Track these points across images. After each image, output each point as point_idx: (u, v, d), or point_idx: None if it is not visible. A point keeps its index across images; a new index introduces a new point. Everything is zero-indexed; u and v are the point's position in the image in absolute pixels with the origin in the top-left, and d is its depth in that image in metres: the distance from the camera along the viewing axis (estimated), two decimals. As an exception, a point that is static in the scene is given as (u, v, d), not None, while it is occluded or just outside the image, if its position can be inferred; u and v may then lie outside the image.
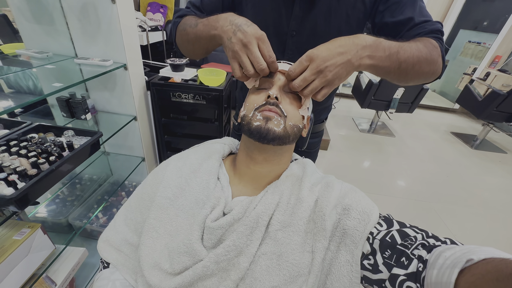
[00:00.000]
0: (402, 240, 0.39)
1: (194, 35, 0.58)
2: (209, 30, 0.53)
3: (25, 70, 0.95)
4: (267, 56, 0.46)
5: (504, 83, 3.24)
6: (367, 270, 0.41)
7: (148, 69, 1.54)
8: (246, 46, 0.45)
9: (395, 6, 0.57)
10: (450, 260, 0.31)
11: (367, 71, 0.50)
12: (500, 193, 2.18)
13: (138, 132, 1.30)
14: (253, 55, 0.45)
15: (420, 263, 0.35)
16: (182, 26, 0.62)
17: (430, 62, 0.52)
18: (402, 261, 0.37)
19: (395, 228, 0.42)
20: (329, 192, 0.47)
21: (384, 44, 0.47)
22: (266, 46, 0.46)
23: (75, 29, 1.05)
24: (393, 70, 0.50)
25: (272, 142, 0.47)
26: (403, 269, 0.36)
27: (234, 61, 0.48)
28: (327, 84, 0.45)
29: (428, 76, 0.55)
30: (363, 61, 0.46)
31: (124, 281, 0.51)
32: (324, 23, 0.61)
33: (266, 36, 0.46)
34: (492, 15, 3.92)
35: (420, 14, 0.56)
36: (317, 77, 0.44)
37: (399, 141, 2.93)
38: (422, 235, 0.39)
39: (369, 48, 0.46)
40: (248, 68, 0.46)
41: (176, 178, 0.52)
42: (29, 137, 0.83)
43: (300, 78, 0.44)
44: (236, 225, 0.46)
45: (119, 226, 0.55)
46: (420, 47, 0.51)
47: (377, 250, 0.40)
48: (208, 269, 0.44)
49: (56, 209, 1.17)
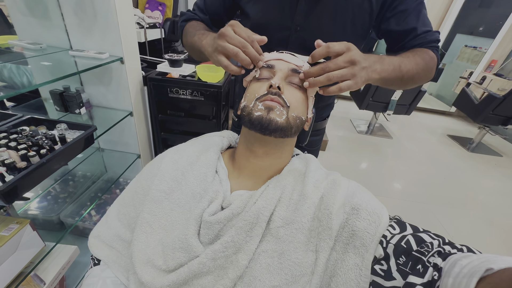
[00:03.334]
0: (418, 247, 0.37)
1: (190, 43, 0.63)
2: (198, 44, 0.58)
3: (14, 61, 0.92)
4: (245, 36, 0.46)
5: (500, 87, 3.27)
6: (378, 276, 0.38)
7: (145, 64, 1.52)
8: (222, 34, 0.47)
9: (401, 14, 0.59)
10: (467, 269, 0.29)
11: (374, 83, 0.51)
12: (496, 196, 2.19)
13: (134, 128, 1.27)
14: (231, 38, 0.46)
15: (435, 272, 0.33)
16: (185, 31, 0.67)
17: (426, 72, 0.58)
18: (418, 268, 0.35)
19: (409, 232, 0.40)
20: (336, 190, 0.45)
21: (388, 59, 0.51)
22: (242, 29, 0.47)
23: (71, 21, 1.02)
24: (396, 82, 0.55)
25: (274, 134, 0.45)
26: (420, 278, 0.34)
27: (219, 55, 0.48)
28: (352, 78, 0.44)
29: (423, 81, 0.61)
30: (374, 74, 0.47)
31: (115, 279, 0.49)
32: (329, 20, 0.60)
33: (239, 23, 0.48)
34: (488, 21, 3.99)
35: (423, 24, 0.59)
36: (347, 67, 0.43)
37: (397, 143, 2.94)
38: (438, 242, 0.37)
39: (378, 63, 0.48)
40: (230, 48, 0.45)
41: (172, 171, 0.50)
42: (20, 130, 0.79)
43: (335, 62, 0.43)
44: (235, 220, 0.44)
45: (112, 221, 0.53)
46: (418, 60, 0.56)
47: (391, 255, 0.38)
48: (204, 266, 0.42)
49: (48, 206, 1.13)
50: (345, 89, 0.44)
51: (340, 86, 0.44)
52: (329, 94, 0.46)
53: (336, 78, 0.43)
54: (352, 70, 0.43)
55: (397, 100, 2.63)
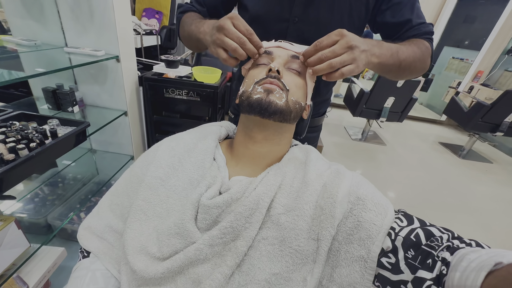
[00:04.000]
0: (428, 240, 0.36)
1: (188, 33, 0.63)
2: (196, 33, 0.58)
3: (4, 56, 0.89)
4: (243, 30, 0.47)
5: (487, 96, 3.38)
6: (385, 269, 0.37)
7: (141, 66, 1.51)
8: (221, 27, 0.47)
9: (396, 6, 0.61)
10: (475, 263, 0.29)
11: (372, 69, 0.51)
12: (489, 201, 2.22)
13: (128, 128, 1.25)
14: (230, 32, 0.46)
15: (443, 266, 0.33)
16: (183, 22, 0.67)
17: (422, 61, 0.59)
18: (428, 263, 0.34)
19: (417, 225, 0.39)
20: (340, 179, 0.43)
21: (386, 45, 0.51)
22: (241, 22, 0.47)
23: (67, 18, 1.01)
24: (394, 69, 0.55)
25: (273, 116, 0.45)
26: (429, 272, 0.33)
27: (217, 48, 0.48)
28: (353, 62, 0.44)
29: (419, 72, 0.61)
30: (373, 58, 0.48)
31: (106, 271, 0.46)
32: (327, 12, 0.61)
33: (239, 15, 0.48)
34: (472, 35, 4.19)
35: (417, 16, 0.61)
36: (346, 52, 0.44)
37: (390, 149, 2.97)
38: (448, 236, 0.36)
39: (377, 47, 0.49)
40: (229, 43, 0.46)
41: (168, 157, 0.49)
42: (10, 123, 0.77)
43: (331, 50, 0.44)
44: (234, 206, 0.42)
45: (103, 212, 0.50)
46: (414, 48, 0.57)
47: (399, 248, 0.37)
48: (201, 253, 0.39)
49: (35, 208, 1.08)
50: (347, 74, 0.44)
51: (342, 71, 0.44)
52: (331, 80, 0.46)
53: (338, 64, 0.43)
54: (352, 55, 0.43)
55: (389, 107, 2.68)
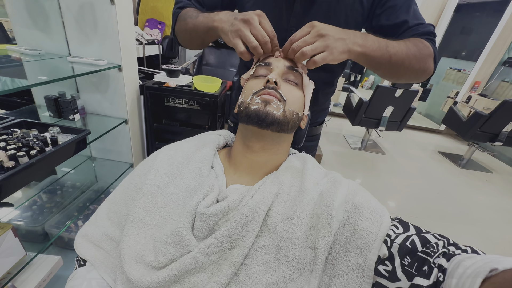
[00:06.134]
0: (423, 247, 0.36)
1: (193, 25, 0.60)
2: (208, 21, 0.56)
3: (9, 65, 0.91)
4: (269, 30, 0.47)
5: (485, 106, 3.40)
6: (382, 277, 0.37)
7: (142, 75, 1.54)
8: (248, 21, 0.47)
9: (391, 10, 0.60)
10: (471, 270, 0.29)
11: (359, 60, 0.51)
12: (489, 211, 2.20)
13: (128, 136, 1.26)
14: (255, 29, 0.46)
15: (440, 273, 0.33)
16: (183, 16, 0.64)
17: (419, 59, 0.55)
18: (424, 270, 0.34)
19: (413, 232, 0.39)
20: (336, 187, 0.44)
21: (373, 37, 0.51)
22: (267, 22, 0.48)
23: (71, 28, 1.04)
24: (384, 63, 0.52)
25: (271, 127, 0.45)
26: (426, 279, 0.33)
27: (237, 38, 0.48)
28: (326, 49, 0.45)
29: (419, 73, 0.57)
30: (355, 47, 0.48)
31: (102, 280, 0.45)
32: (323, 21, 0.62)
33: (265, 15, 0.48)
34: (469, 46, 4.27)
35: (414, 17, 0.60)
36: (317, 40, 0.45)
37: (390, 158, 2.97)
38: (443, 242, 0.36)
39: (360, 37, 0.49)
40: (251, 39, 0.46)
41: (167, 166, 0.49)
42: (11, 131, 0.78)
43: (301, 40, 0.46)
44: (231, 214, 0.42)
45: (101, 220, 0.50)
46: (409, 45, 0.54)
47: (396, 255, 0.37)
48: (198, 262, 0.39)
49: (32, 216, 1.07)
50: (320, 61, 0.46)
51: (314, 59, 0.46)
52: (310, 67, 0.48)
53: (310, 51, 0.45)
54: (324, 42, 0.45)
55: (388, 116, 2.70)
